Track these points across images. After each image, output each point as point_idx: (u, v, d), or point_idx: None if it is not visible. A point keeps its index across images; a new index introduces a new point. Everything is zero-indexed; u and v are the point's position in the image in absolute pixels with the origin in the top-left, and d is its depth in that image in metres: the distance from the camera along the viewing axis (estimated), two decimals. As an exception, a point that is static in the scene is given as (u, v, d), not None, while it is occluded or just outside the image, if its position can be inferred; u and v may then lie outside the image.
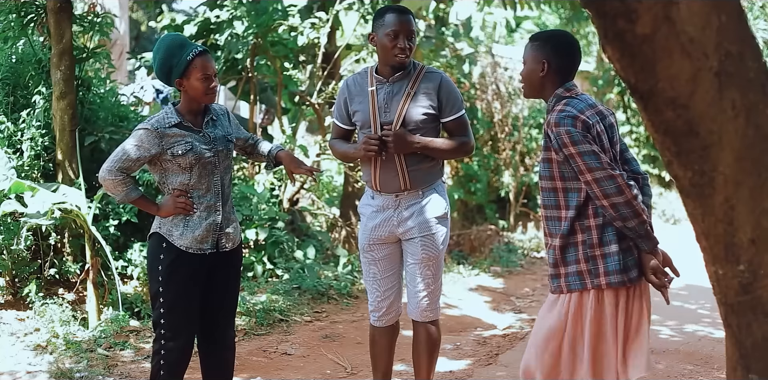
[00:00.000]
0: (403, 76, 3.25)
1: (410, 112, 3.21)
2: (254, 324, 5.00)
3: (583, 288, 2.63)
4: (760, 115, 1.73)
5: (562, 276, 2.68)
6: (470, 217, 9.28)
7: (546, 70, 2.70)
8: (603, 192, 2.55)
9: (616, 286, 2.61)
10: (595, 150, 2.55)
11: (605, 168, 2.53)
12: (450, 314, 5.75)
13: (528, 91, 2.82)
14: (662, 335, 5.27)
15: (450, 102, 3.25)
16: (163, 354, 3.06)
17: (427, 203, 3.29)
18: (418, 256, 3.29)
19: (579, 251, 2.65)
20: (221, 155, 3.09)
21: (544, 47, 2.71)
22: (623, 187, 2.53)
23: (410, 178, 3.25)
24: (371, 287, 3.42)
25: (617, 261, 2.60)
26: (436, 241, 3.30)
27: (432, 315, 3.37)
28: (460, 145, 3.29)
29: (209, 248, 3.07)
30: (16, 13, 5.33)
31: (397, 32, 3.18)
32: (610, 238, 2.61)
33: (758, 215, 1.76)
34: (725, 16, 1.67)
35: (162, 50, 3.01)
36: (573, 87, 2.73)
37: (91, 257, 4.80)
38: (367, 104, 3.27)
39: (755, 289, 1.80)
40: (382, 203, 3.32)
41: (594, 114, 2.63)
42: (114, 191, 3.04)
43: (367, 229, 3.37)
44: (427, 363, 3.38)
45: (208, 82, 3.00)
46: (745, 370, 1.87)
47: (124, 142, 3.05)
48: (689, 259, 3.61)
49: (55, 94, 5.07)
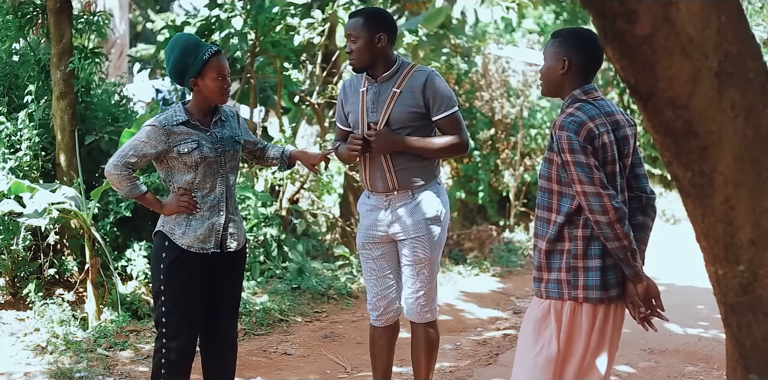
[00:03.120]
0: (390, 76, 3.24)
1: (395, 111, 3.20)
2: (254, 324, 5.00)
3: (560, 297, 2.58)
4: (759, 115, 1.73)
5: (543, 281, 2.63)
6: (470, 217, 9.28)
7: (567, 68, 2.62)
8: (588, 207, 2.50)
9: (594, 302, 2.55)
10: (591, 163, 2.48)
11: (595, 184, 2.47)
12: (450, 314, 5.75)
13: (546, 88, 2.74)
14: (662, 335, 5.27)
15: (437, 100, 3.19)
16: (164, 353, 3.06)
17: (418, 204, 3.25)
18: (411, 258, 3.28)
19: (563, 259, 2.59)
20: (227, 155, 3.10)
21: (565, 44, 2.62)
22: (608, 208, 2.46)
23: (398, 177, 3.23)
24: (369, 286, 3.42)
25: (598, 277, 2.54)
26: (428, 243, 3.26)
27: (429, 316, 3.36)
28: (450, 144, 3.23)
29: (212, 248, 3.07)
30: (14, 13, 5.33)
31: (347, 37, 3.23)
32: (595, 252, 2.56)
33: (758, 215, 1.76)
34: (725, 17, 1.67)
35: (176, 50, 3.01)
36: (592, 90, 2.64)
37: (90, 257, 4.80)
38: (358, 105, 3.30)
39: (755, 289, 1.80)
40: (376, 203, 3.33)
41: (605, 123, 2.55)
42: (119, 186, 3.06)
43: (363, 228, 3.39)
44: (426, 364, 3.38)
45: (223, 82, 3.02)
46: (745, 370, 1.87)
47: (131, 137, 3.07)
48: (689, 259, 3.61)
49: (55, 94, 5.07)
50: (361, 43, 3.18)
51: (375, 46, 3.19)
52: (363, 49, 3.18)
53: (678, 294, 6.76)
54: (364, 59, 3.20)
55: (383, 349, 3.45)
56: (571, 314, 2.57)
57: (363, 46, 3.18)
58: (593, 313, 2.57)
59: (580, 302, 2.56)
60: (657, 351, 4.79)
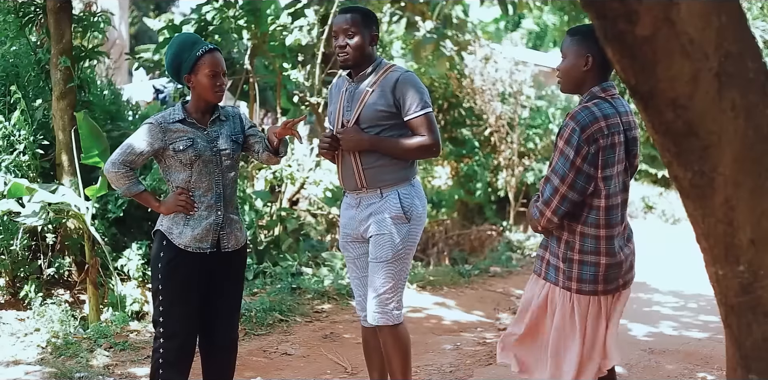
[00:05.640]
0: (366, 75, 3.23)
1: (365, 110, 3.19)
2: (254, 324, 4.99)
3: (555, 283, 2.70)
4: (759, 116, 1.73)
5: (544, 262, 2.74)
6: (470, 217, 9.29)
7: (591, 64, 2.63)
8: (541, 190, 2.65)
9: (587, 294, 2.65)
10: (575, 163, 2.55)
11: (565, 182, 2.57)
12: (450, 314, 5.76)
13: (566, 86, 2.75)
14: (662, 335, 5.28)
15: (407, 100, 3.14)
16: (161, 352, 3.06)
17: (385, 202, 3.20)
18: (372, 256, 3.21)
19: (560, 248, 2.68)
20: (224, 154, 3.09)
21: (587, 41, 2.61)
22: (552, 205, 2.60)
23: (365, 176, 3.20)
24: (353, 286, 3.41)
25: (592, 272, 2.64)
26: (390, 243, 3.17)
27: (384, 320, 3.21)
28: (418, 145, 3.16)
29: (209, 247, 3.07)
30: (14, 13, 5.33)
31: (337, 33, 3.21)
32: (591, 248, 2.64)
33: (758, 216, 1.76)
34: (725, 17, 1.67)
35: (173, 47, 3.05)
36: (610, 87, 2.66)
37: (90, 257, 4.80)
38: (337, 104, 3.31)
39: (755, 290, 1.81)
40: (349, 201, 3.33)
41: (619, 123, 2.58)
42: (117, 184, 3.06)
43: (341, 227, 3.39)
44: (400, 369, 3.26)
45: (216, 79, 3.02)
46: (745, 370, 1.87)
47: (130, 136, 3.08)
48: (689, 260, 3.61)
49: (55, 94, 5.07)
50: (358, 40, 3.17)
51: (368, 45, 3.20)
52: (359, 47, 3.18)
53: (678, 293, 6.77)
54: (357, 56, 3.20)
55: (374, 349, 3.41)
56: (564, 301, 2.68)
57: (360, 43, 3.17)
58: (586, 305, 2.67)
59: (573, 293, 2.66)
60: (657, 351, 4.79)
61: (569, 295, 2.66)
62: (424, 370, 4.31)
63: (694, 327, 5.50)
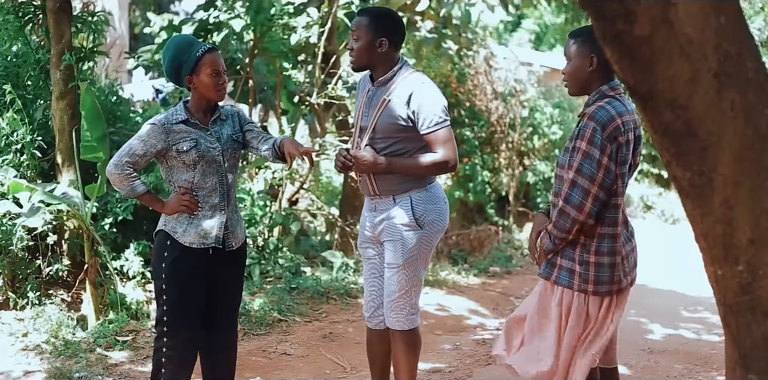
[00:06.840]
0: (386, 81, 3.17)
1: (380, 122, 3.14)
2: (254, 324, 5.00)
3: (569, 287, 2.70)
4: (759, 116, 1.73)
5: (556, 267, 2.73)
6: (470, 217, 9.28)
7: (595, 64, 2.66)
8: (567, 196, 2.60)
9: (602, 295, 2.69)
10: (602, 162, 2.54)
11: (594, 183, 2.55)
12: (449, 314, 5.76)
13: (573, 88, 2.77)
14: (662, 335, 5.28)
15: (422, 114, 3.05)
16: (164, 352, 3.06)
17: (398, 209, 3.18)
18: (386, 261, 3.23)
19: (576, 251, 2.69)
20: (226, 154, 3.10)
21: (590, 42, 2.64)
22: (585, 209, 2.56)
23: (377, 184, 3.19)
24: (365, 285, 3.41)
25: (609, 272, 2.67)
26: (402, 249, 3.17)
27: (399, 325, 3.23)
28: (434, 163, 3.09)
29: (213, 243, 3.07)
30: (14, 13, 5.33)
31: (351, 33, 3.19)
32: (608, 250, 2.66)
33: (757, 215, 1.76)
34: (724, 17, 1.67)
35: (171, 49, 3.04)
36: (617, 86, 2.68)
37: (89, 257, 4.80)
38: (358, 106, 3.29)
39: (754, 289, 1.80)
40: (367, 204, 3.34)
41: (630, 121, 2.62)
42: (120, 185, 3.06)
43: (360, 226, 3.41)
44: (398, 371, 3.28)
45: (218, 78, 3.02)
46: (744, 370, 1.87)
47: (132, 137, 3.08)
48: (688, 259, 3.62)
49: (55, 94, 5.07)
50: (362, 44, 3.12)
51: (375, 50, 3.11)
52: (363, 51, 3.13)
53: (678, 294, 6.77)
54: (362, 60, 3.16)
55: (376, 352, 3.41)
56: (577, 303, 2.69)
57: (363, 47, 3.12)
58: (599, 303, 2.70)
59: (588, 295, 2.68)
60: (657, 351, 4.79)
61: (584, 297, 2.69)
62: (424, 370, 4.31)
63: (694, 327, 5.51)
